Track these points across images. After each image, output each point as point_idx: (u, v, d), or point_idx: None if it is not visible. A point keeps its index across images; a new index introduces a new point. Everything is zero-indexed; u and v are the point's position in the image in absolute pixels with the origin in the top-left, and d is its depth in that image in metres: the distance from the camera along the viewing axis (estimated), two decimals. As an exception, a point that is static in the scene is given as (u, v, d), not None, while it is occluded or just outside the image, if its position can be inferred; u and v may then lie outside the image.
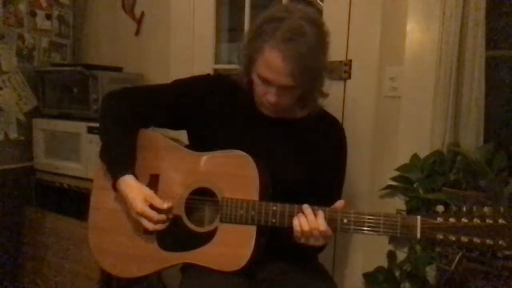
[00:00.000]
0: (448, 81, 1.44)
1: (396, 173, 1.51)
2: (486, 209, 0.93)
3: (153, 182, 1.18)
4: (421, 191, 1.44)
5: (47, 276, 1.96)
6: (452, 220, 0.94)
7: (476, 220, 0.92)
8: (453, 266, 1.26)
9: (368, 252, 1.64)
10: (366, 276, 1.59)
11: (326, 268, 1.32)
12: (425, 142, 1.50)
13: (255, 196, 1.09)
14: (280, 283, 1.18)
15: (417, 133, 1.52)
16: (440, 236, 0.94)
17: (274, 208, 1.06)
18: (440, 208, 0.97)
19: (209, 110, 1.22)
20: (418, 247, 1.46)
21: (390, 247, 1.55)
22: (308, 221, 1.01)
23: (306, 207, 1.04)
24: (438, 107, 1.47)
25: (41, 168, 2.04)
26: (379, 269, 1.56)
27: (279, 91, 1.08)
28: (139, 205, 1.09)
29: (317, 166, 1.18)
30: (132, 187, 1.12)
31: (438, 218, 0.95)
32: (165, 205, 1.11)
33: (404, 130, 1.56)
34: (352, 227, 1.01)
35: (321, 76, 1.13)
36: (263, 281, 1.19)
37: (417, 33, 1.51)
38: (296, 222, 1.03)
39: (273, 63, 1.03)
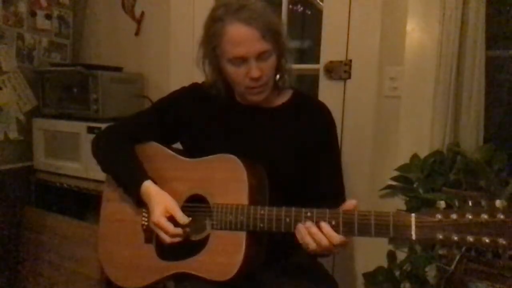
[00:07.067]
0: (448, 81, 1.44)
1: (396, 173, 1.51)
2: (498, 202, 0.78)
3: None
4: (421, 191, 1.44)
5: (47, 276, 1.96)
6: (454, 216, 0.81)
7: (484, 216, 0.78)
8: (453, 266, 1.26)
9: (368, 252, 1.64)
10: (366, 276, 1.58)
11: (326, 268, 1.30)
12: (425, 142, 1.50)
13: (245, 200, 1.05)
14: (278, 285, 1.16)
15: (417, 133, 1.52)
16: (440, 236, 0.81)
17: (262, 212, 1.01)
18: (441, 204, 0.84)
19: (192, 119, 1.23)
20: (418, 247, 1.46)
21: (390, 247, 1.55)
22: (316, 239, 0.94)
23: (310, 226, 0.94)
24: (438, 107, 1.46)
25: (41, 168, 2.03)
26: (379, 269, 1.55)
27: (258, 62, 1.07)
28: (156, 215, 1.07)
29: (308, 154, 1.16)
30: (153, 195, 1.11)
31: (437, 215, 0.83)
32: (185, 220, 1.08)
33: (404, 130, 1.56)
34: (341, 229, 0.93)
35: (284, 34, 1.13)
36: (261, 285, 1.17)
37: (417, 33, 1.51)
38: (311, 246, 0.95)
39: (238, 34, 1.04)
